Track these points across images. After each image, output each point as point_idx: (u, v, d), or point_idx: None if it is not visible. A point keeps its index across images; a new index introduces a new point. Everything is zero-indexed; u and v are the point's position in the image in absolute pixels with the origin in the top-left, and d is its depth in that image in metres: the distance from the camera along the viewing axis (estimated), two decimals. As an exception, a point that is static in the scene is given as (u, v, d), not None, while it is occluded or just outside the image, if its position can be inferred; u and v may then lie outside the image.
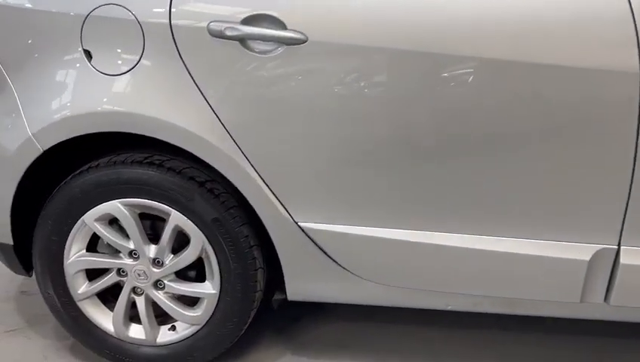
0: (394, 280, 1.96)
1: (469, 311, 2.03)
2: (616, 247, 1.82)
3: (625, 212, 1.78)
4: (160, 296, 2.07)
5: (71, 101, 1.88)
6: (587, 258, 1.83)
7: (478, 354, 2.29)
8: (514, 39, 1.68)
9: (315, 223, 1.92)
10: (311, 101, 1.78)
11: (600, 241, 1.83)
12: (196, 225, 1.94)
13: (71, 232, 2.02)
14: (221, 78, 1.80)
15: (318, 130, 1.81)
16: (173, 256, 2.02)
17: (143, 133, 1.86)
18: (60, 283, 2.09)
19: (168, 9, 1.77)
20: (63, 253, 2.05)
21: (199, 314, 2.06)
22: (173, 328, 2.13)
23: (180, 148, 1.88)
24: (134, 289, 2.08)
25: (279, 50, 1.75)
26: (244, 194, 1.91)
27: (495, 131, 1.75)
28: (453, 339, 2.37)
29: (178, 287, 2.05)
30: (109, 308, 2.14)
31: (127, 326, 2.12)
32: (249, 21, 1.75)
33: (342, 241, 1.93)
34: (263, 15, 1.74)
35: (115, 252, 2.07)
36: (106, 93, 1.85)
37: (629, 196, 1.76)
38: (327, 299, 2.10)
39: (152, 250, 2.02)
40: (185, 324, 2.10)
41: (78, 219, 2.00)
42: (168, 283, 2.05)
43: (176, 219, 1.95)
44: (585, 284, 1.86)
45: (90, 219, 1.98)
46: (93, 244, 2.09)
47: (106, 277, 2.07)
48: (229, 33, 1.74)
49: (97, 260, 2.06)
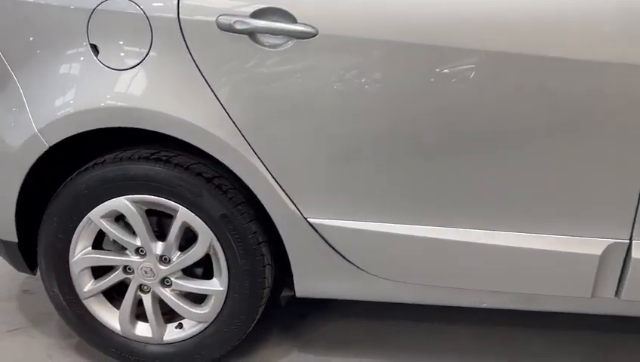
0: (404, 277, 1.95)
1: (483, 307, 2.01)
2: (628, 242, 1.82)
3: (637, 206, 1.78)
4: (167, 294, 2.05)
5: (77, 96, 1.86)
6: (599, 252, 1.82)
7: (483, 350, 2.28)
8: (534, 33, 1.66)
9: (324, 219, 1.90)
10: (321, 95, 1.76)
11: (611, 236, 1.82)
12: (204, 221, 1.92)
13: (76, 229, 1.99)
14: (230, 73, 1.79)
15: (329, 124, 1.79)
16: (180, 253, 2.00)
17: (151, 129, 1.84)
18: (66, 281, 2.07)
19: (176, 3, 1.75)
20: (68, 251, 2.02)
21: (207, 311, 2.04)
22: (180, 326, 2.11)
23: (187, 144, 1.86)
24: (141, 287, 2.06)
25: (289, 43, 1.73)
26: (253, 190, 1.89)
27: (508, 126, 1.74)
28: (458, 335, 2.35)
29: (185, 284, 2.03)
30: (115, 306, 2.12)
31: (133, 324, 2.10)
32: (258, 15, 1.73)
33: (351, 237, 1.91)
34: (272, 8, 1.72)
35: (121, 249, 2.05)
36: (113, 88, 1.83)
37: (642, 190, 1.76)
38: (336, 296, 2.09)
39: (159, 247, 1.99)
40: (192, 322, 2.08)
41: (83, 216, 1.97)
42: (175, 280, 2.03)
43: (183, 215, 1.92)
44: (596, 279, 1.85)
45: (97, 216, 1.96)
46: (99, 242, 2.07)
47: (112, 275, 2.05)
48: (238, 27, 1.72)
49: (104, 257, 2.04)
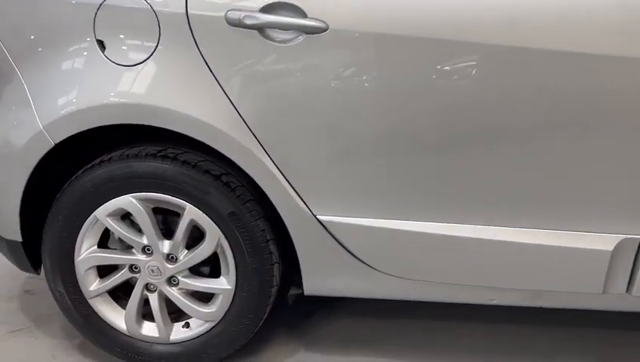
0: (416, 274, 1.93)
1: (492, 304, 2.00)
2: (640, 237, 1.81)
3: (649, 201, 1.77)
4: (174, 293, 2.02)
5: (84, 93, 1.83)
6: (610, 248, 1.81)
7: (490, 347, 2.27)
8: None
9: (334, 216, 1.88)
10: (332, 91, 1.75)
11: (623, 231, 1.81)
12: (212, 219, 1.90)
13: (82, 228, 1.97)
14: (239, 69, 1.77)
15: (340, 120, 1.78)
16: (187, 251, 1.98)
17: (159, 126, 1.81)
18: (71, 280, 2.04)
19: (185, -3, 1.73)
20: (73, 250, 2.00)
21: (214, 310, 2.02)
22: (187, 325, 2.08)
23: (194, 140, 1.84)
24: (147, 286, 2.03)
25: (299, 39, 1.71)
26: (263, 187, 1.87)
27: (518, 121, 1.73)
28: (465, 332, 2.34)
29: (193, 283, 2.01)
30: (121, 306, 2.09)
31: (139, 324, 2.08)
32: (268, 9, 1.71)
33: (362, 235, 1.89)
34: (282, 3, 1.71)
35: (126, 248, 2.03)
36: (121, 85, 1.81)
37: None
38: (345, 294, 2.07)
39: (165, 245, 1.97)
40: (199, 321, 2.06)
41: (89, 215, 1.95)
42: (182, 279, 2.01)
43: (191, 213, 1.90)
44: (607, 275, 1.84)
45: (103, 215, 1.94)
46: (104, 241, 2.05)
47: (119, 274, 2.02)
48: (247, 22, 1.70)
49: (110, 256, 2.02)
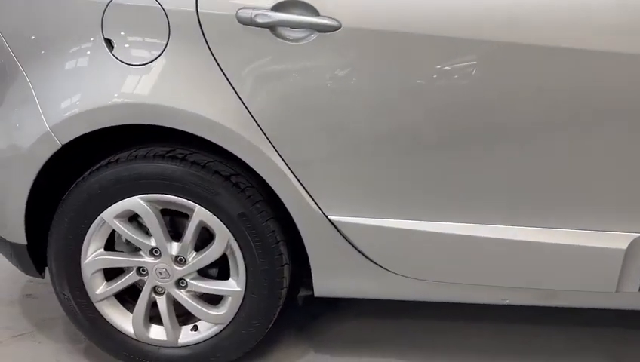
0: (430, 275, 1.92)
1: (508, 304, 1.98)
2: (654, 235, 1.80)
3: (663, 199, 1.77)
4: (182, 295, 1.99)
5: (92, 92, 1.80)
6: (624, 246, 1.80)
7: (503, 347, 2.25)
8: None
9: (345, 216, 1.86)
10: (344, 90, 1.73)
11: (637, 230, 1.80)
12: (221, 220, 1.88)
13: (89, 230, 1.93)
14: (251, 68, 1.74)
15: (352, 120, 1.76)
16: (196, 253, 1.95)
17: (169, 126, 1.79)
18: (77, 284, 2.00)
19: (195, -5, 1.71)
20: (80, 253, 1.96)
21: (223, 312, 1.99)
22: (196, 328, 2.06)
23: (202, 140, 1.82)
24: (155, 289, 2.00)
25: (312, 37, 1.69)
26: (274, 187, 1.85)
27: (530, 119, 1.72)
28: (477, 332, 2.33)
29: (202, 285, 1.98)
30: (128, 309, 2.06)
31: (147, 328, 2.04)
32: (280, 7, 1.69)
33: (373, 235, 1.87)
34: (294, 1, 1.69)
35: (133, 250, 2.00)
36: (129, 84, 1.78)
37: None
38: (356, 295, 2.05)
39: (174, 247, 1.94)
40: (208, 324, 2.03)
41: (96, 217, 1.92)
42: (191, 281, 1.98)
43: (200, 214, 1.88)
44: (621, 274, 1.83)
45: (110, 217, 1.91)
46: (110, 243, 2.01)
47: (126, 277, 1.99)
48: (259, 20, 1.68)
49: (117, 259, 1.98)
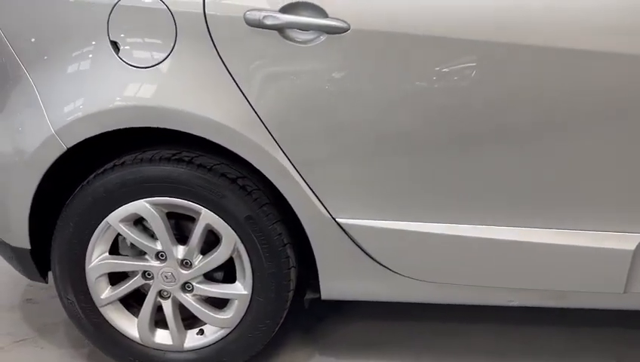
0: (438, 277, 1.91)
1: (512, 305, 1.98)
2: (662, 236, 1.81)
3: (671, 200, 1.77)
4: (188, 299, 1.98)
5: (98, 95, 1.78)
6: (632, 247, 1.80)
7: (505, 349, 2.25)
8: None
9: (352, 219, 1.86)
10: (352, 92, 1.72)
11: (645, 230, 1.81)
12: (228, 223, 1.86)
13: (93, 234, 1.92)
14: (259, 70, 1.73)
15: (360, 121, 1.75)
16: (202, 256, 1.93)
17: (176, 129, 1.77)
18: (82, 288, 1.98)
19: (202, -2, 1.69)
20: (84, 257, 1.94)
21: (230, 316, 1.97)
22: (202, 332, 2.04)
23: (208, 143, 1.80)
24: (160, 293, 1.98)
25: (320, 39, 1.68)
26: (281, 190, 1.84)
27: (539, 121, 1.72)
28: (480, 334, 2.32)
29: (208, 289, 1.97)
30: (133, 314, 2.04)
31: (152, 332, 2.03)
32: (288, 9, 1.68)
33: (381, 237, 1.87)
34: (302, 3, 1.68)
35: (139, 254, 1.98)
36: (136, 87, 1.77)
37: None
38: (364, 298, 2.05)
39: (180, 250, 1.93)
40: (214, 328, 2.02)
41: (101, 221, 1.90)
42: (197, 285, 1.96)
43: (207, 217, 1.86)
44: (629, 274, 1.83)
45: (115, 220, 1.89)
46: (114, 247, 1.99)
47: (131, 281, 1.98)
48: (268, 22, 1.67)
49: (122, 263, 1.97)
